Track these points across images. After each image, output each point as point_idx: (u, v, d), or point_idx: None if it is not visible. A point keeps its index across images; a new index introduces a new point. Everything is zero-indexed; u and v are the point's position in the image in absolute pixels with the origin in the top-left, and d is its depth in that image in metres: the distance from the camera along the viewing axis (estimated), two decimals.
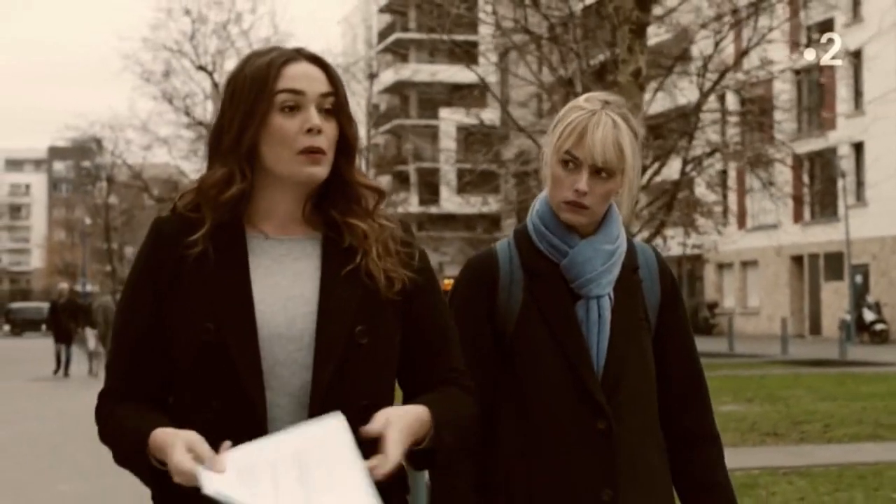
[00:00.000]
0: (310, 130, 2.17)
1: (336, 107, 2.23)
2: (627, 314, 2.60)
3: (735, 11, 24.60)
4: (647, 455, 2.59)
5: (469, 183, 33.19)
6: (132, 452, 2.14)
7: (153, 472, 2.11)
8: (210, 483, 1.97)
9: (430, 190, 61.33)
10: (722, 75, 24.17)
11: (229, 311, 2.16)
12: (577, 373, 2.53)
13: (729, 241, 44.28)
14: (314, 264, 2.24)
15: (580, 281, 2.56)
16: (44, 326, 25.33)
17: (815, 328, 41.93)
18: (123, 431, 2.18)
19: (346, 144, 2.24)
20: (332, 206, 2.26)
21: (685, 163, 24.83)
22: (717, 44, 24.67)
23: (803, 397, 16.78)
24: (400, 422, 2.10)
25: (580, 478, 2.50)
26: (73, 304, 26.93)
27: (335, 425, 2.07)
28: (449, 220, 56.49)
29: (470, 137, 30.18)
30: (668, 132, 25.41)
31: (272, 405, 2.14)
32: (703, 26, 25.33)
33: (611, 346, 2.56)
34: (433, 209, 59.59)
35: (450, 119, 32.00)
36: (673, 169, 24.76)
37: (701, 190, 31.87)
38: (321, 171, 2.20)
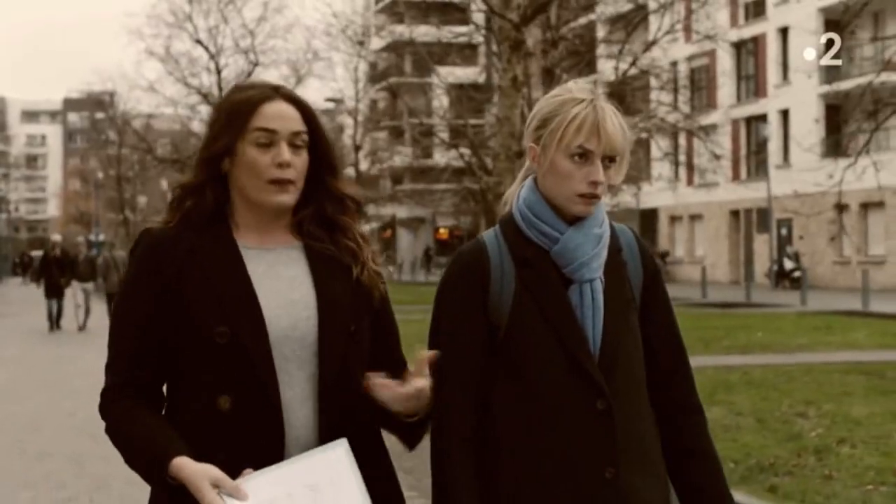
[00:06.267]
0: (280, 165, 2.39)
1: (311, 142, 2.46)
2: (617, 295, 2.59)
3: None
4: (643, 431, 2.60)
5: (459, 137, 34.90)
6: (149, 468, 2.34)
7: (168, 486, 2.30)
8: None
9: (423, 143, 64.43)
10: (635, 60, 28.28)
11: (240, 315, 2.35)
12: (574, 356, 2.52)
13: (679, 196, 48.41)
14: (304, 270, 2.46)
15: (572, 266, 2.54)
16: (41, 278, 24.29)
17: (749, 275, 45.15)
18: (137, 443, 2.37)
19: (329, 164, 2.50)
20: (324, 213, 2.51)
21: None
22: (630, 32, 28.74)
23: None
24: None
25: (583, 458, 2.51)
26: (65, 256, 26.28)
27: (339, 453, 2.33)
28: (439, 172, 59.67)
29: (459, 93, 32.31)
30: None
31: (285, 396, 2.38)
32: (618, 19, 29.40)
33: (605, 328, 2.55)
34: (419, 162, 62.95)
35: (441, 77, 34.47)
36: None
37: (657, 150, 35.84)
38: (288, 198, 2.43)
